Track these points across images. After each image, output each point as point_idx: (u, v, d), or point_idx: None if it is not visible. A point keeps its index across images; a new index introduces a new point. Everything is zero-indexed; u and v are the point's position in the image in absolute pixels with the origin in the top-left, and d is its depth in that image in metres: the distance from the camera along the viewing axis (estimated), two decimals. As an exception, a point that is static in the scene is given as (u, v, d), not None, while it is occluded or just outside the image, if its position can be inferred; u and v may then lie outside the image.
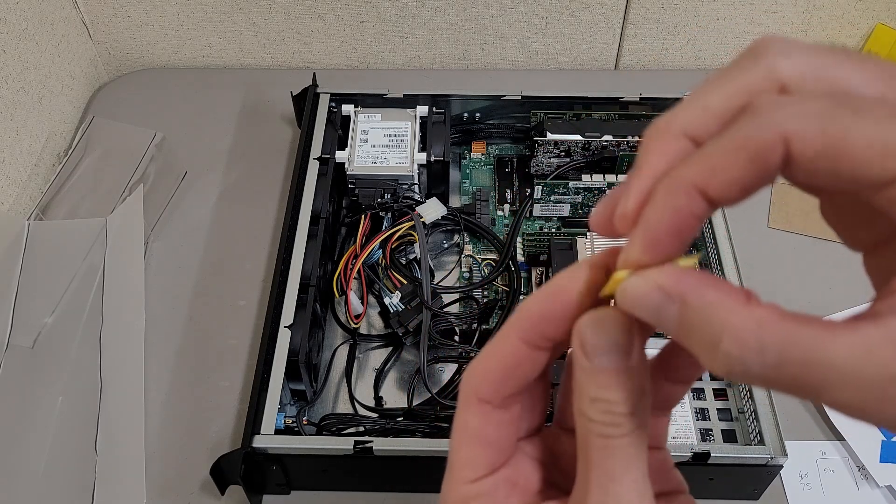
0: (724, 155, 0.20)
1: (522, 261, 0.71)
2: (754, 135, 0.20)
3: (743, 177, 0.20)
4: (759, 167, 0.20)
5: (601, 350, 0.23)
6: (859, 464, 0.60)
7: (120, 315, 0.67)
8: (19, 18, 0.75)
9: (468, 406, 0.27)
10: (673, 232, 0.21)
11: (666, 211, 0.21)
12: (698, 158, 0.21)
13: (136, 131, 0.81)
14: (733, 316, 0.20)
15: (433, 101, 0.76)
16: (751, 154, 0.20)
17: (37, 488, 0.58)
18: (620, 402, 0.23)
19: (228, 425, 0.63)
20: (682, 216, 0.21)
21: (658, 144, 0.22)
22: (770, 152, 0.19)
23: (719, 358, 0.20)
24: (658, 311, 0.21)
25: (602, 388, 0.23)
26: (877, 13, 0.88)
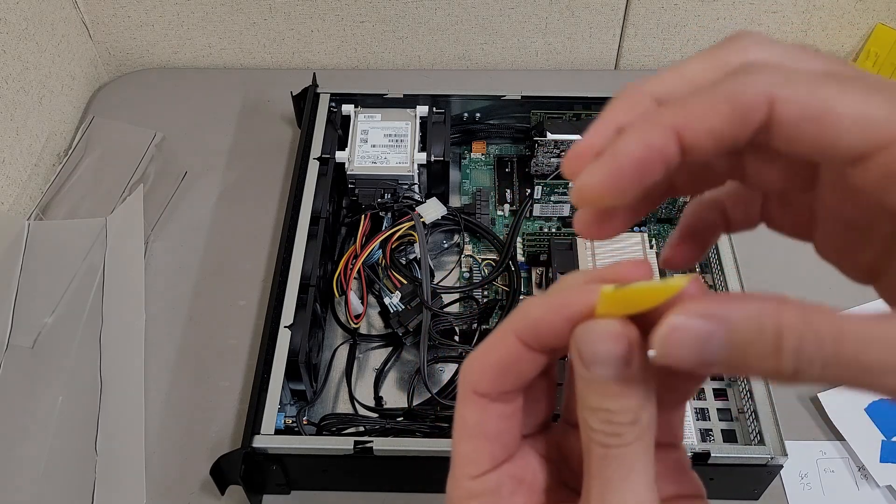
0: (707, 102, 0.20)
1: (522, 261, 0.71)
2: (741, 89, 0.20)
3: (721, 128, 0.20)
4: (739, 121, 0.20)
5: (599, 360, 0.23)
6: (859, 464, 0.60)
7: (120, 315, 0.67)
8: (19, 18, 0.75)
9: (466, 400, 0.26)
10: (638, 167, 0.21)
11: (637, 143, 0.21)
12: (681, 102, 0.21)
13: (136, 131, 0.81)
14: (784, 316, 0.19)
15: (433, 101, 0.76)
16: (735, 107, 0.20)
17: (37, 488, 0.58)
18: (621, 412, 0.23)
19: (228, 425, 0.63)
20: (652, 153, 0.21)
21: (625, 100, 0.23)
22: (754, 109, 0.20)
23: (786, 360, 0.19)
24: (703, 343, 0.20)
25: (602, 398, 0.23)
26: (877, 13, 0.88)
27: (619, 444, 0.23)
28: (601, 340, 0.23)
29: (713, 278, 0.67)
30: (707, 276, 0.68)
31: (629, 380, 0.23)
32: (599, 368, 0.23)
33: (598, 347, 0.23)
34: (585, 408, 0.23)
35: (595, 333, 0.23)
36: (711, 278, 0.67)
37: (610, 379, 0.23)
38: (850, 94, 0.20)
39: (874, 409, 0.62)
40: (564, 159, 0.24)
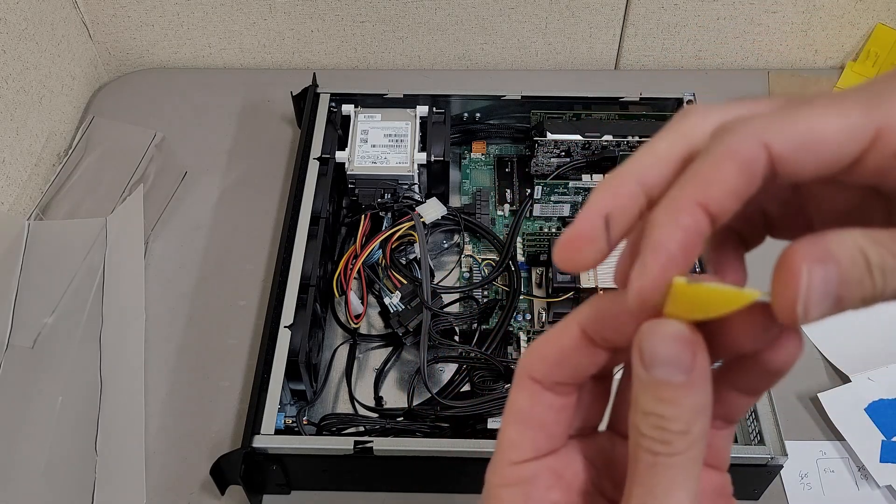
0: (714, 168, 0.21)
1: (522, 261, 0.71)
2: (737, 146, 0.21)
3: (736, 185, 0.21)
4: (748, 174, 0.21)
5: (660, 361, 0.22)
6: (859, 464, 0.60)
7: (120, 315, 0.67)
8: (19, 18, 0.75)
9: (520, 385, 0.26)
10: (684, 251, 0.22)
11: (674, 229, 0.22)
12: (690, 178, 0.22)
13: (136, 131, 0.81)
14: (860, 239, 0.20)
15: (433, 101, 0.76)
16: (738, 163, 0.21)
17: (37, 488, 0.58)
18: (674, 419, 0.22)
19: (228, 425, 0.63)
20: (690, 234, 0.21)
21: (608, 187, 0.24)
22: (755, 159, 0.21)
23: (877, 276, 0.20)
24: (828, 285, 0.20)
25: (657, 402, 0.22)
26: (877, 13, 0.88)
27: (668, 453, 0.22)
28: (666, 342, 0.22)
29: (713, 278, 0.67)
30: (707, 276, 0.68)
31: (687, 387, 0.22)
32: (659, 371, 0.22)
33: (661, 349, 0.22)
34: (638, 411, 0.23)
35: (661, 334, 0.23)
36: (711, 278, 0.67)
37: (668, 383, 0.22)
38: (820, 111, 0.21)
39: (874, 409, 0.62)
40: (556, 248, 0.24)
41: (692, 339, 0.22)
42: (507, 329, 0.65)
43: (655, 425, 0.22)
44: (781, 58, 0.92)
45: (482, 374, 0.61)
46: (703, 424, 0.23)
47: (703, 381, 0.23)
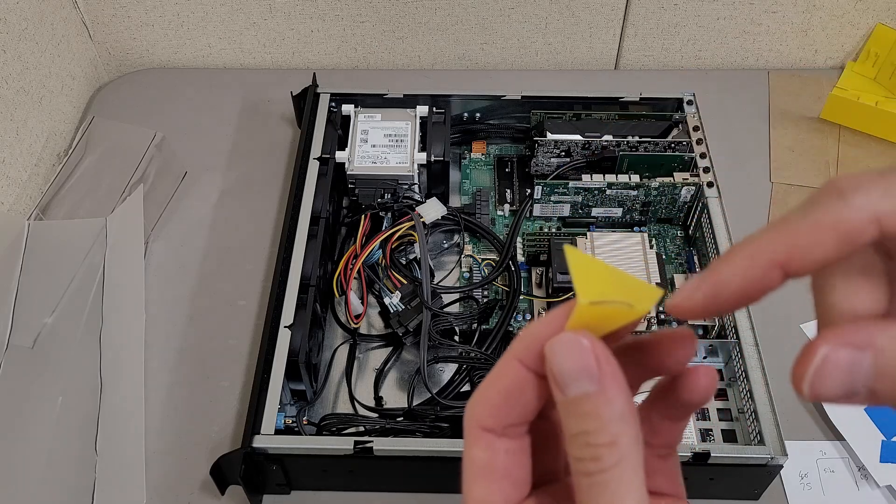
0: (812, 234, 0.20)
1: (522, 261, 0.71)
2: (846, 217, 0.20)
3: (828, 256, 0.20)
4: (847, 247, 0.20)
5: (569, 376, 0.22)
6: (859, 464, 0.60)
7: (120, 315, 0.67)
8: (19, 18, 0.75)
9: (473, 438, 0.25)
10: (735, 295, 0.22)
11: (740, 275, 0.21)
12: (784, 235, 0.21)
13: (136, 131, 0.81)
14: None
15: (433, 101, 0.76)
16: (841, 235, 0.20)
17: (37, 488, 0.58)
18: (598, 432, 0.22)
19: (228, 425, 0.63)
20: (753, 286, 0.21)
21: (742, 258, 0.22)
22: (861, 233, 0.20)
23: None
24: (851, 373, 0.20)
25: (579, 420, 0.22)
26: (877, 13, 0.88)
27: (601, 469, 0.22)
28: (565, 353, 0.23)
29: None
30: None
31: (601, 395, 0.22)
32: (572, 387, 0.22)
33: (565, 363, 0.23)
34: (567, 437, 0.23)
35: (560, 346, 0.23)
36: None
37: (583, 396, 0.22)
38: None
39: (874, 408, 0.62)
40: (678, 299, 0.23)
41: (592, 346, 0.23)
42: (507, 329, 0.65)
43: (583, 444, 0.22)
44: (781, 58, 0.92)
45: (482, 374, 0.61)
46: (631, 433, 0.22)
47: (616, 386, 0.23)
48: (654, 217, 0.74)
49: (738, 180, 0.77)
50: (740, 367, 0.60)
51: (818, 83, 0.89)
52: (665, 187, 0.71)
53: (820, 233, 0.20)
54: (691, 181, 0.70)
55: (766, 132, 0.84)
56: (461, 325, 0.65)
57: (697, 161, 0.71)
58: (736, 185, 0.75)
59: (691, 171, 0.72)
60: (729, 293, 0.22)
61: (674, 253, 0.72)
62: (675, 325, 0.66)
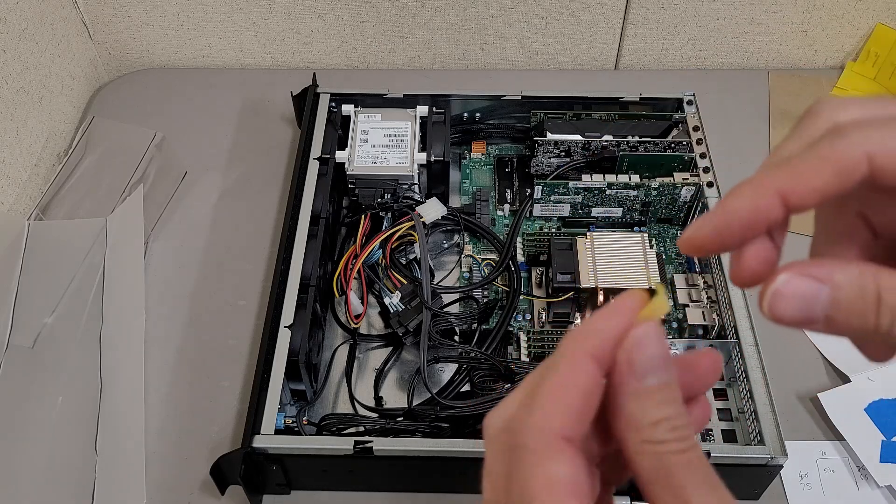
0: (811, 165, 0.22)
1: (522, 261, 0.71)
2: (841, 151, 0.22)
3: (826, 186, 0.22)
4: (842, 179, 0.22)
5: (653, 366, 0.23)
6: (859, 464, 0.60)
7: (120, 315, 0.67)
8: (19, 18, 0.75)
9: (554, 452, 0.22)
10: (743, 226, 0.23)
11: (746, 204, 0.23)
12: (784, 167, 0.23)
13: (136, 131, 0.81)
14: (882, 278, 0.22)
15: (433, 101, 0.76)
16: (837, 167, 0.22)
17: (37, 488, 0.58)
18: (681, 415, 0.23)
19: (228, 425, 0.63)
20: (759, 214, 0.23)
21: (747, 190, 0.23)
22: (855, 167, 0.22)
23: (884, 317, 0.21)
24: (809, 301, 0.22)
25: (658, 408, 0.23)
26: (877, 13, 0.88)
27: (691, 447, 0.23)
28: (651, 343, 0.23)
29: (713, 278, 0.67)
30: (707, 276, 0.68)
31: (674, 384, 0.23)
32: (652, 378, 0.23)
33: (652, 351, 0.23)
34: (644, 426, 0.23)
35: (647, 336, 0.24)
36: (711, 278, 0.67)
37: (665, 385, 0.23)
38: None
39: (874, 409, 0.62)
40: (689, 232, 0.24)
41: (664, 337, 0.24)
42: (507, 329, 0.65)
43: (670, 427, 0.23)
44: (781, 58, 0.92)
45: (482, 374, 0.61)
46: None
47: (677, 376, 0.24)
48: (654, 217, 0.74)
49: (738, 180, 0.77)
50: (740, 367, 0.60)
51: (818, 83, 0.89)
52: (665, 187, 0.71)
53: (819, 165, 0.22)
54: (691, 181, 0.70)
55: (766, 132, 0.84)
56: (461, 325, 0.65)
57: (697, 161, 0.71)
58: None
59: (691, 171, 0.72)
60: (737, 223, 0.23)
61: (674, 253, 0.72)
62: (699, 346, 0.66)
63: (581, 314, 0.66)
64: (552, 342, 0.63)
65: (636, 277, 0.64)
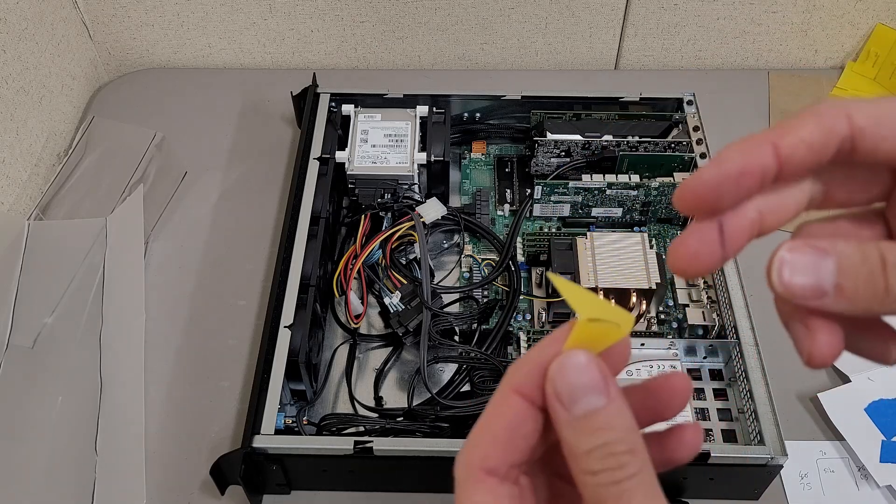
0: (797, 118, 0.23)
1: (522, 261, 0.71)
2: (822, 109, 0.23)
3: (811, 137, 0.23)
4: (825, 132, 0.23)
5: (579, 392, 0.23)
6: (859, 464, 0.60)
7: (120, 315, 0.67)
8: (19, 18, 0.75)
9: (473, 483, 0.24)
10: (739, 175, 0.23)
11: (740, 153, 0.23)
12: (774, 126, 0.24)
13: (136, 131, 0.81)
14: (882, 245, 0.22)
15: (433, 101, 0.76)
16: (818, 120, 0.23)
17: (37, 488, 0.58)
18: (616, 442, 0.22)
19: (228, 425, 0.63)
20: (751, 163, 0.23)
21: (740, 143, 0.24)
22: (835, 122, 0.23)
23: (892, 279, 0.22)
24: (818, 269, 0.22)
25: (592, 435, 0.23)
26: (877, 13, 0.88)
27: (629, 475, 0.22)
28: (572, 370, 0.23)
29: (713, 278, 0.67)
30: (706, 276, 0.68)
31: (610, 406, 0.23)
32: (581, 404, 0.23)
33: (573, 379, 0.23)
34: (580, 455, 0.23)
35: (570, 365, 0.23)
36: (711, 278, 0.67)
37: (594, 411, 0.23)
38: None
39: (874, 409, 0.62)
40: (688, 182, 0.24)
41: (596, 362, 0.23)
42: (507, 329, 0.65)
43: (603, 455, 0.22)
44: (781, 58, 0.92)
45: (482, 374, 0.61)
46: (642, 441, 0.23)
47: (621, 398, 0.23)
48: (654, 217, 0.74)
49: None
50: (740, 367, 0.60)
51: (818, 83, 0.89)
52: (665, 187, 0.71)
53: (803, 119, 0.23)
54: (691, 181, 0.70)
55: (766, 132, 0.84)
56: (461, 325, 0.65)
57: (697, 161, 0.71)
58: (736, 185, 0.75)
59: (691, 171, 0.72)
60: (733, 171, 0.23)
61: (674, 253, 0.72)
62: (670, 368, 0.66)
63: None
64: (552, 342, 0.63)
65: (636, 277, 0.64)
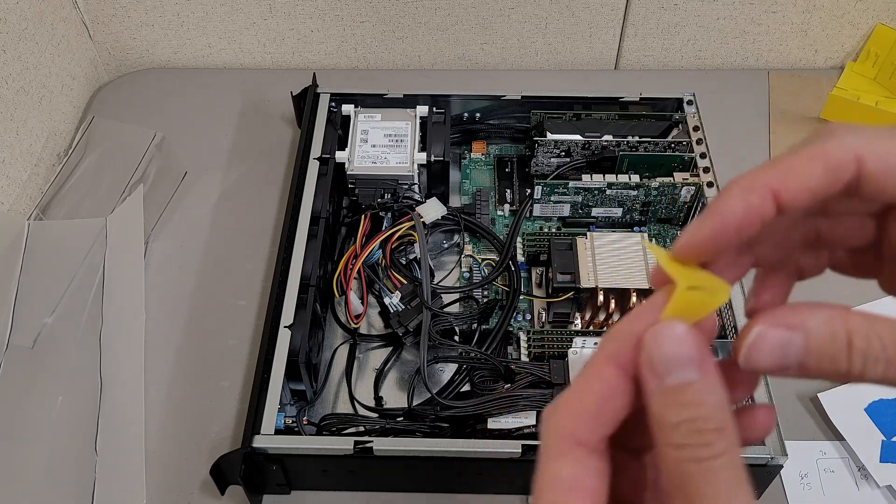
0: (802, 162, 0.22)
1: (522, 261, 0.71)
2: (832, 150, 0.22)
3: (817, 184, 0.22)
4: (832, 177, 0.22)
5: (673, 365, 0.22)
6: (859, 464, 0.60)
7: (120, 315, 0.67)
8: (19, 18, 0.75)
9: (561, 452, 0.23)
10: (739, 227, 0.23)
11: (739, 205, 0.22)
12: (774, 164, 0.23)
13: (136, 131, 0.81)
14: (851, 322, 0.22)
15: (433, 101, 0.76)
16: (827, 165, 0.22)
17: (37, 488, 0.58)
18: (706, 419, 0.22)
19: (228, 425, 0.63)
20: (752, 214, 0.22)
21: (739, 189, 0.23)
22: (844, 168, 0.22)
23: (855, 361, 0.21)
24: (783, 349, 0.22)
25: (682, 408, 0.22)
26: (877, 13, 0.88)
27: (715, 455, 0.21)
28: (667, 340, 0.23)
29: (713, 278, 0.67)
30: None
31: (704, 382, 0.22)
32: (674, 376, 0.22)
33: (668, 349, 0.22)
34: (666, 427, 0.22)
35: (663, 333, 0.23)
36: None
37: (687, 385, 0.22)
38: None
39: (874, 409, 0.62)
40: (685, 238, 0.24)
41: (694, 334, 0.23)
42: (507, 329, 0.65)
43: (690, 430, 0.22)
44: (781, 58, 0.92)
45: (482, 374, 0.61)
46: (732, 421, 0.22)
47: (715, 375, 0.23)
48: (654, 217, 0.74)
49: (738, 180, 0.77)
50: (740, 367, 0.59)
51: (818, 83, 0.89)
52: (665, 187, 0.71)
53: (809, 162, 0.22)
54: (691, 181, 0.70)
55: (766, 132, 0.84)
56: (461, 325, 0.65)
57: (697, 161, 0.71)
58: (736, 185, 0.75)
59: (691, 171, 0.72)
60: (732, 223, 0.23)
61: (674, 253, 0.72)
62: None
63: (581, 314, 0.66)
64: (552, 342, 0.63)
65: (636, 277, 0.64)
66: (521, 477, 0.57)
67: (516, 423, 0.58)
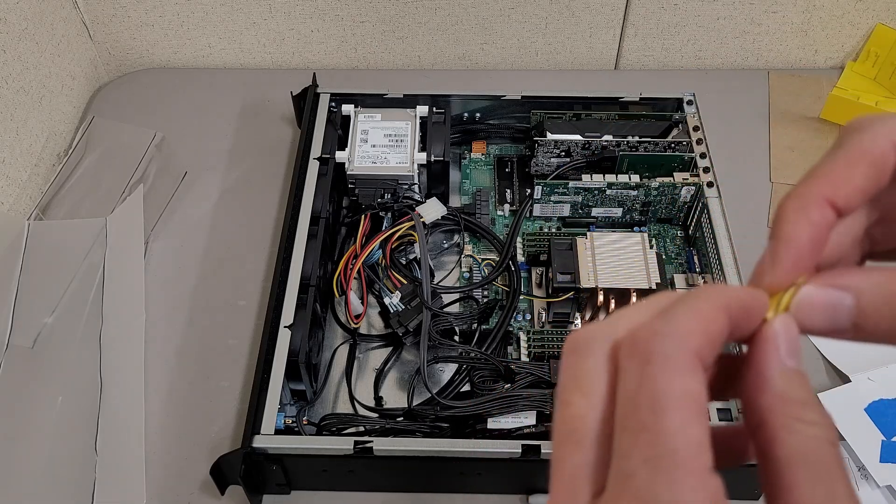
0: (846, 166, 0.23)
1: (522, 261, 0.71)
2: (869, 145, 0.22)
3: (866, 182, 0.22)
4: (878, 171, 0.22)
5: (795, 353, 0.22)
6: (859, 464, 0.60)
7: (120, 315, 0.67)
8: (19, 18, 0.75)
9: (689, 368, 0.20)
10: (813, 244, 0.23)
11: (804, 226, 0.23)
12: (821, 173, 0.23)
13: (136, 131, 0.81)
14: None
15: (433, 101, 0.76)
16: (870, 161, 0.22)
17: (37, 488, 0.58)
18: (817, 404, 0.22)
19: (228, 425, 0.63)
20: (819, 229, 0.23)
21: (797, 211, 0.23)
22: (886, 157, 0.22)
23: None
24: (834, 310, 0.22)
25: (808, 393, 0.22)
26: (877, 13, 0.88)
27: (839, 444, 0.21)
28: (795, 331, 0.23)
29: (713, 278, 0.67)
30: (707, 276, 0.68)
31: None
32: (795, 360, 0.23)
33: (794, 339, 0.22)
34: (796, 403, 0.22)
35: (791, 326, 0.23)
36: (712, 278, 0.67)
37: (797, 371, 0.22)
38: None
39: (874, 409, 0.62)
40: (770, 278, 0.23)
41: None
42: (507, 329, 0.65)
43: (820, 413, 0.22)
44: (781, 58, 0.92)
45: (482, 374, 0.61)
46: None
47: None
48: (654, 217, 0.74)
49: (738, 180, 0.77)
50: (740, 367, 0.59)
51: (818, 83, 0.89)
52: (665, 187, 0.71)
53: (853, 164, 0.22)
54: (691, 181, 0.70)
55: (766, 132, 0.84)
56: (461, 325, 0.65)
57: (697, 161, 0.71)
58: (736, 185, 0.75)
59: (691, 171, 0.72)
60: (806, 248, 0.23)
61: (674, 253, 0.72)
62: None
63: (581, 314, 0.66)
64: (552, 342, 0.63)
65: (636, 277, 0.64)
66: (522, 477, 0.57)
67: (516, 423, 0.58)
